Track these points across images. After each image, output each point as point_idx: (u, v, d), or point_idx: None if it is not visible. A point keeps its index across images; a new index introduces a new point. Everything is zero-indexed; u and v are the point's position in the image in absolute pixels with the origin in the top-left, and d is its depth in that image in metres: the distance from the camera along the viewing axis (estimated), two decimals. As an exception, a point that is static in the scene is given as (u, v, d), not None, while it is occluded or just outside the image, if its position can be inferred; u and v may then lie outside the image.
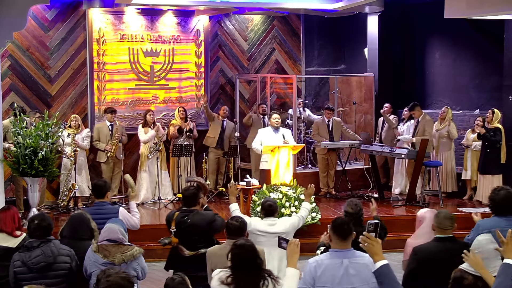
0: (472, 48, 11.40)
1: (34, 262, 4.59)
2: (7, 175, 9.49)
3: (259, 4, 11.14)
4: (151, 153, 10.38)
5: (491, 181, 9.89)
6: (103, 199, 5.92)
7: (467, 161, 10.47)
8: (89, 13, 10.84)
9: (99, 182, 6.10)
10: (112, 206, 5.91)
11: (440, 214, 4.70)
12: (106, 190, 5.96)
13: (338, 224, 4.07)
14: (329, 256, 4.01)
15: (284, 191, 8.55)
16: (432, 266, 4.47)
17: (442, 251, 4.54)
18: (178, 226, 5.50)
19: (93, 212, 5.63)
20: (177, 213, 5.60)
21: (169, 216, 5.70)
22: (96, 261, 4.67)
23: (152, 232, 8.22)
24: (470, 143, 10.36)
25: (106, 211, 5.76)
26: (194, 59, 11.75)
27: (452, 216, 4.69)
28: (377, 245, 3.59)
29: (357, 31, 12.60)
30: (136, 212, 6.12)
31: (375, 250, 3.58)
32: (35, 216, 4.85)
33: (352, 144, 10.97)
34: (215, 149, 10.97)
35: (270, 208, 5.74)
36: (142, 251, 4.85)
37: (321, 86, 13.11)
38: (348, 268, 3.95)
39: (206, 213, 5.66)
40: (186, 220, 5.49)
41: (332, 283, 3.91)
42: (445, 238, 4.62)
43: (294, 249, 3.84)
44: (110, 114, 10.31)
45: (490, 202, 5.07)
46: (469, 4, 8.56)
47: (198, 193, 5.66)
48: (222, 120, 11.03)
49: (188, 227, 5.47)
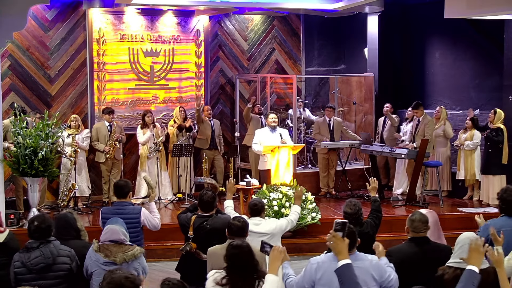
0: (472, 48, 11.40)
1: (33, 263, 4.58)
2: (7, 175, 9.49)
3: (259, 4, 11.14)
4: (150, 153, 10.39)
5: (492, 182, 9.90)
6: (124, 199, 5.89)
7: (460, 161, 10.50)
8: (89, 13, 10.84)
9: (120, 182, 6.05)
10: (133, 207, 5.88)
11: (414, 216, 4.71)
12: (128, 190, 5.92)
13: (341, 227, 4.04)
14: (331, 258, 3.97)
15: (284, 191, 8.55)
16: (406, 267, 4.47)
17: (415, 252, 4.57)
18: (197, 232, 5.43)
19: (114, 212, 5.64)
20: (194, 217, 5.51)
21: (184, 220, 5.61)
22: (97, 261, 4.67)
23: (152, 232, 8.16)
24: (463, 142, 10.39)
25: (128, 211, 5.75)
26: (194, 59, 11.75)
27: (426, 219, 4.70)
28: (341, 244, 3.60)
29: (357, 31, 12.60)
30: (156, 213, 6.10)
31: (339, 249, 3.60)
32: (35, 217, 4.84)
33: (352, 144, 10.97)
34: (208, 150, 10.93)
35: (254, 208, 5.68)
36: (143, 251, 4.85)
37: (321, 86, 13.11)
38: None
39: (224, 217, 5.59)
40: (205, 225, 5.43)
41: (331, 286, 3.91)
42: (419, 239, 4.64)
43: (277, 255, 3.71)
44: (108, 115, 10.30)
45: (502, 202, 5.08)
46: (469, 4, 8.56)
47: (216, 198, 5.62)
48: (209, 120, 11.02)
49: (208, 232, 5.41)
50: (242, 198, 9.15)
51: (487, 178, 10.06)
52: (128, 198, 5.93)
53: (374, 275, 4.01)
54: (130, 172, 10.86)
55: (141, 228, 5.86)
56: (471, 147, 10.28)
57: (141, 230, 5.88)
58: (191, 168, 10.88)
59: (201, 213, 5.55)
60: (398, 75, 12.49)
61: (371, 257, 4.09)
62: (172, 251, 8.32)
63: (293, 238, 8.37)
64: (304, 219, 8.54)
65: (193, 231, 5.45)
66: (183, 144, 10.34)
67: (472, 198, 10.49)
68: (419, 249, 4.59)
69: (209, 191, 5.68)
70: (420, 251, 4.58)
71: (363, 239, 4.96)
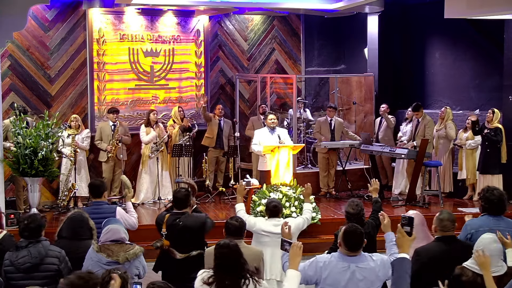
0: (472, 48, 11.40)
1: (21, 262, 4.59)
2: (7, 175, 9.49)
3: (259, 4, 11.14)
4: (152, 153, 10.38)
5: (491, 181, 9.89)
6: (100, 199, 5.93)
7: (462, 160, 10.49)
8: (89, 13, 10.84)
9: (95, 182, 6.13)
10: (109, 206, 5.92)
11: (442, 215, 4.70)
12: (103, 190, 5.97)
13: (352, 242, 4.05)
14: (337, 258, 4.04)
15: (284, 191, 8.53)
16: (434, 266, 4.48)
17: (443, 251, 4.56)
18: (170, 229, 5.44)
19: (90, 212, 5.63)
20: (167, 215, 5.53)
21: (159, 219, 5.64)
22: (99, 261, 4.66)
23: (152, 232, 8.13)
24: (464, 142, 10.38)
25: (104, 211, 5.77)
26: (194, 59, 11.75)
27: (454, 217, 4.70)
28: (403, 239, 4.04)
29: (357, 31, 12.60)
30: (133, 212, 6.13)
31: (400, 243, 4.06)
32: (25, 217, 4.85)
33: (352, 144, 10.97)
34: (214, 148, 10.97)
35: (275, 209, 5.77)
36: (143, 249, 4.86)
37: (321, 86, 13.11)
38: (355, 273, 3.98)
39: (197, 215, 5.62)
40: (178, 222, 5.44)
41: (337, 286, 3.95)
42: (446, 238, 4.63)
43: (296, 251, 3.84)
44: (113, 114, 10.30)
45: (485, 202, 5.08)
46: (469, 4, 8.56)
47: (190, 195, 5.63)
48: (219, 120, 11.02)
49: (180, 230, 5.42)
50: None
51: (485, 178, 10.05)
52: (104, 198, 5.98)
53: (380, 275, 4.04)
54: (130, 172, 10.85)
55: None
56: (472, 146, 10.27)
57: None
58: (190, 168, 10.87)
59: (175, 211, 5.57)
60: (398, 75, 12.49)
61: (376, 257, 4.11)
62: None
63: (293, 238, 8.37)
64: (304, 219, 8.54)
65: (166, 228, 5.45)
66: (183, 144, 10.34)
67: (472, 198, 10.49)
68: (447, 247, 4.59)
69: (182, 188, 5.69)
70: (448, 249, 4.58)
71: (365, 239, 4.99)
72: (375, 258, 4.08)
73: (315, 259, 4.09)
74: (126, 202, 6.29)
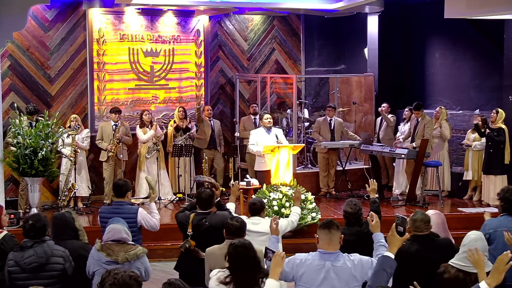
0: (472, 48, 11.40)
1: (27, 262, 4.57)
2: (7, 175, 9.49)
3: (259, 4, 11.14)
4: (149, 153, 10.39)
5: (494, 182, 9.87)
6: (122, 199, 5.87)
7: (468, 161, 10.45)
8: (89, 13, 10.85)
9: (119, 182, 6.04)
10: (131, 206, 5.85)
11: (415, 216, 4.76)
12: (126, 190, 5.89)
13: (325, 222, 4.16)
14: (314, 256, 4.07)
15: (284, 191, 8.54)
16: (409, 265, 4.51)
17: (417, 250, 4.61)
18: (196, 229, 5.43)
19: (111, 211, 5.63)
20: (193, 215, 5.51)
21: (182, 219, 5.60)
22: (99, 260, 4.67)
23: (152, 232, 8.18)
24: (471, 143, 10.34)
25: (125, 211, 5.72)
26: (194, 59, 11.75)
27: (428, 218, 4.75)
28: (393, 238, 3.99)
29: (357, 31, 12.60)
30: (156, 213, 6.06)
31: (390, 241, 4.03)
32: (30, 217, 4.83)
33: (352, 144, 10.97)
34: (207, 149, 10.92)
35: (253, 207, 5.70)
36: (145, 251, 4.82)
37: (321, 86, 13.11)
38: (329, 271, 3.99)
39: (223, 214, 5.60)
40: (204, 222, 5.43)
41: (312, 284, 3.97)
42: (419, 237, 4.68)
43: (278, 261, 3.82)
44: (115, 114, 10.31)
45: (504, 202, 5.10)
46: (469, 4, 8.56)
47: (213, 195, 5.62)
48: (209, 120, 11.01)
49: (206, 230, 5.41)
50: (242, 198, 9.14)
51: (488, 178, 10.02)
52: (127, 198, 5.92)
53: (356, 275, 4.04)
54: (130, 172, 10.85)
55: (138, 228, 5.81)
56: (478, 148, 10.23)
57: (139, 230, 5.84)
58: (191, 168, 10.88)
59: (199, 211, 5.56)
60: (398, 75, 12.49)
61: (354, 257, 4.11)
62: (172, 251, 8.31)
63: (293, 238, 8.37)
64: (304, 219, 8.54)
65: (192, 229, 5.44)
66: (183, 144, 10.34)
67: (472, 198, 10.48)
68: (420, 247, 4.62)
69: (207, 188, 5.69)
70: (421, 249, 4.61)
71: (363, 239, 4.99)
72: (352, 258, 4.08)
73: (293, 256, 4.11)
74: (150, 202, 6.23)
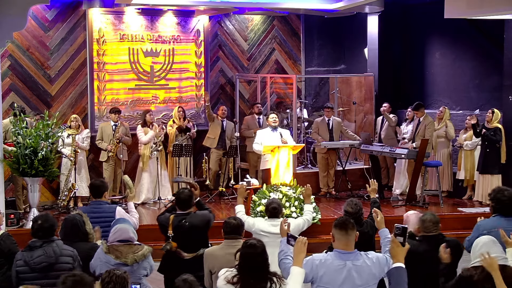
0: (472, 48, 11.40)
1: (36, 262, 4.58)
2: (7, 175, 9.49)
3: (259, 4, 11.14)
4: (151, 153, 10.38)
5: (490, 181, 9.89)
6: (100, 199, 5.92)
7: (461, 160, 10.51)
8: (89, 13, 10.85)
9: (96, 182, 6.12)
10: (109, 206, 5.89)
11: (424, 217, 4.78)
12: (104, 190, 5.95)
13: (341, 221, 4.10)
14: (333, 256, 4.02)
15: (284, 191, 8.54)
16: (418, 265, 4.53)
17: (426, 250, 4.66)
18: (176, 230, 5.44)
19: (89, 211, 5.62)
20: (172, 216, 5.52)
21: (162, 221, 5.61)
22: (108, 262, 4.66)
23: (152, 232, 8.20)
24: (462, 142, 10.39)
25: (103, 210, 5.76)
26: (194, 59, 11.75)
27: (437, 219, 4.76)
28: (398, 249, 3.92)
29: (357, 31, 12.60)
30: (134, 212, 6.11)
31: (394, 253, 3.94)
32: (39, 217, 4.84)
33: (352, 144, 10.97)
34: (216, 149, 10.95)
35: (274, 211, 5.80)
36: (151, 250, 4.84)
37: (321, 86, 13.11)
38: (351, 271, 3.96)
39: (202, 213, 5.63)
40: (184, 223, 5.44)
41: (333, 284, 3.93)
42: (429, 238, 4.72)
43: (301, 247, 3.82)
44: (114, 114, 10.31)
45: (495, 202, 5.09)
46: (469, 4, 8.56)
47: (193, 196, 5.64)
48: (221, 120, 11.02)
49: (187, 230, 5.43)
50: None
51: (484, 178, 10.04)
52: (104, 198, 5.97)
53: (375, 273, 4.03)
54: (130, 171, 10.84)
55: None
56: (469, 147, 10.30)
57: None
58: (190, 168, 10.87)
59: (179, 212, 5.56)
60: (398, 75, 12.49)
61: (371, 255, 4.10)
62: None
63: (293, 238, 8.38)
64: (304, 219, 8.54)
65: (172, 230, 5.45)
66: (183, 144, 10.34)
67: (472, 198, 10.49)
68: (429, 247, 4.67)
69: (185, 189, 5.69)
70: (430, 249, 4.66)
71: (363, 238, 5.01)
72: (370, 256, 4.08)
73: (311, 257, 4.09)
74: (128, 202, 6.28)
